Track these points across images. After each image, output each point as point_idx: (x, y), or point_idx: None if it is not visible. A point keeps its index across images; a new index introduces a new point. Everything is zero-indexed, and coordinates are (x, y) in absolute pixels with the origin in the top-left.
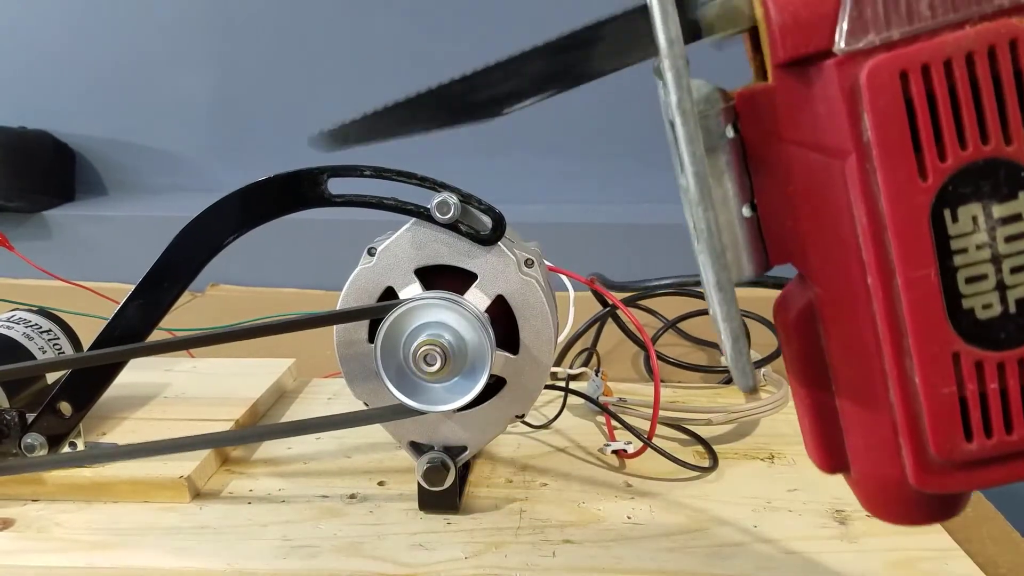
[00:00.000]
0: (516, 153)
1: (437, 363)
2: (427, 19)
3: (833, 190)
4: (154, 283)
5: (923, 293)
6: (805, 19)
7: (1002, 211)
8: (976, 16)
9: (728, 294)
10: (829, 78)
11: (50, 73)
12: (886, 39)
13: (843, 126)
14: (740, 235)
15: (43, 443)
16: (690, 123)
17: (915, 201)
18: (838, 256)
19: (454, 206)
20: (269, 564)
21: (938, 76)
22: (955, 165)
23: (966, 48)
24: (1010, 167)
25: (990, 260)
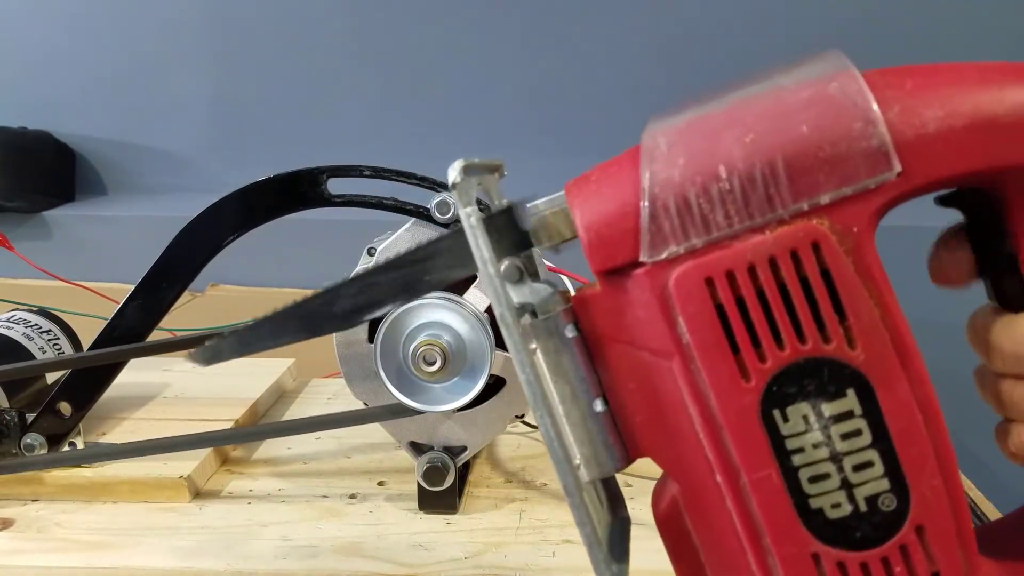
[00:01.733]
0: (516, 153)
1: (437, 363)
2: (427, 19)
3: (667, 388)
4: (154, 283)
5: (769, 493)
6: (608, 236)
7: (832, 409)
8: (774, 221)
9: (576, 499)
10: (641, 286)
11: (50, 73)
12: (688, 247)
13: (662, 329)
14: (595, 431)
15: (43, 443)
16: (514, 334)
17: (742, 402)
18: (686, 453)
19: (454, 206)
20: (269, 564)
21: (743, 281)
22: (775, 366)
23: (767, 253)
24: (833, 365)
25: (830, 459)
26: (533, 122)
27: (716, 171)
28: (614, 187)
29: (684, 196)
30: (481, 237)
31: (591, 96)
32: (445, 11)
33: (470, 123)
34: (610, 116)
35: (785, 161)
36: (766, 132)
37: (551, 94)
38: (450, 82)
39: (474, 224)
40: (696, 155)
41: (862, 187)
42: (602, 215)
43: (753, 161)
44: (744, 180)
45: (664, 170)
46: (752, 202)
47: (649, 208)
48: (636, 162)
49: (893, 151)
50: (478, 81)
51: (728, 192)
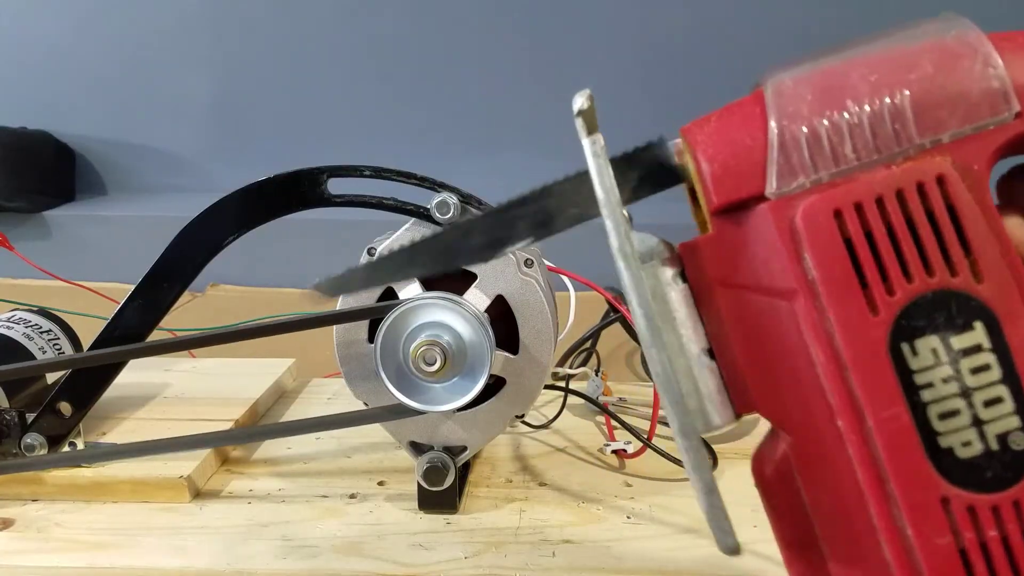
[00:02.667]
0: (516, 153)
1: (437, 363)
2: (427, 20)
3: (786, 331)
4: (154, 283)
5: (897, 433)
6: (734, 167)
7: (961, 342)
8: (900, 156)
9: (693, 441)
10: (765, 221)
11: (50, 73)
12: (816, 181)
13: (786, 267)
14: (702, 383)
15: (43, 443)
16: (632, 267)
17: (871, 336)
18: (802, 400)
19: (454, 206)
20: (269, 564)
21: (872, 213)
22: (904, 298)
23: (895, 186)
24: (960, 298)
25: (960, 394)
26: (533, 122)
27: (844, 105)
28: (739, 123)
29: (813, 128)
30: (606, 167)
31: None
32: (445, 11)
33: (470, 123)
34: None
35: (910, 98)
36: (891, 72)
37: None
38: (450, 82)
39: (598, 152)
40: (824, 91)
41: (982, 126)
42: (728, 148)
43: (880, 97)
44: (872, 115)
45: (792, 104)
46: (879, 136)
47: (778, 139)
48: (759, 102)
49: (1013, 92)
50: (478, 81)
51: (856, 126)
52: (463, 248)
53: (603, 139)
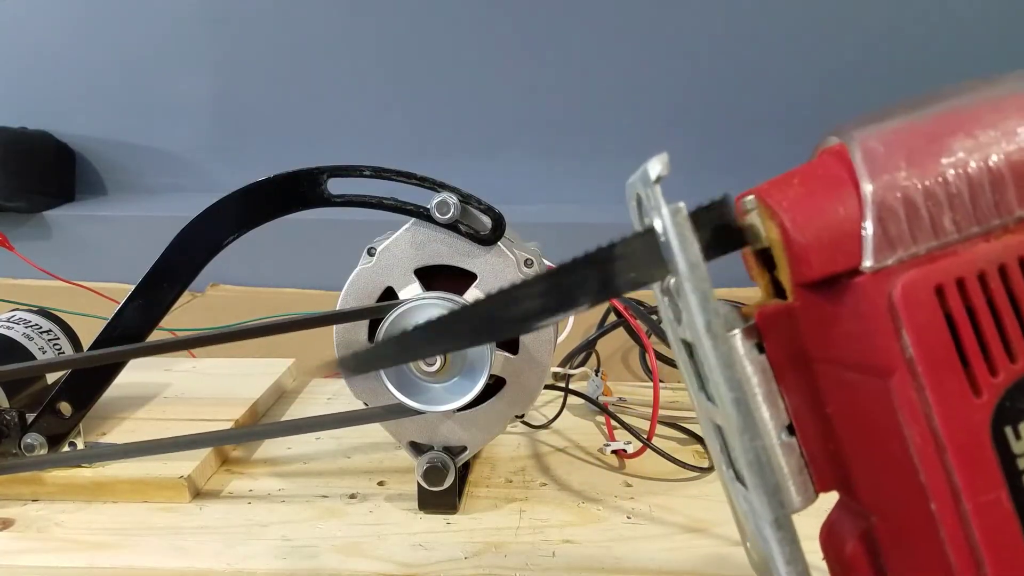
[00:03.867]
0: (516, 153)
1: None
2: (427, 20)
3: (878, 410)
4: (154, 283)
5: (996, 518)
6: (828, 239)
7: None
8: (999, 228)
9: (788, 532)
10: (861, 296)
11: (50, 73)
12: (914, 254)
13: (882, 344)
14: (782, 462)
15: (43, 443)
16: (723, 347)
17: (972, 419)
18: (893, 481)
19: (454, 206)
20: (269, 564)
21: (974, 289)
22: (1008, 379)
23: (998, 261)
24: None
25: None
26: (533, 122)
27: (943, 173)
28: (826, 189)
29: (911, 198)
30: (690, 236)
31: (591, 97)
32: (445, 11)
33: (470, 123)
34: (610, 117)
35: (1010, 167)
36: (988, 139)
37: (551, 94)
38: (450, 82)
39: (681, 223)
40: (919, 157)
41: None
42: (819, 217)
43: (979, 165)
44: (972, 184)
45: (887, 171)
46: (979, 207)
47: (875, 210)
48: (844, 165)
49: None
50: (478, 81)
51: (955, 196)
52: (509, 318)
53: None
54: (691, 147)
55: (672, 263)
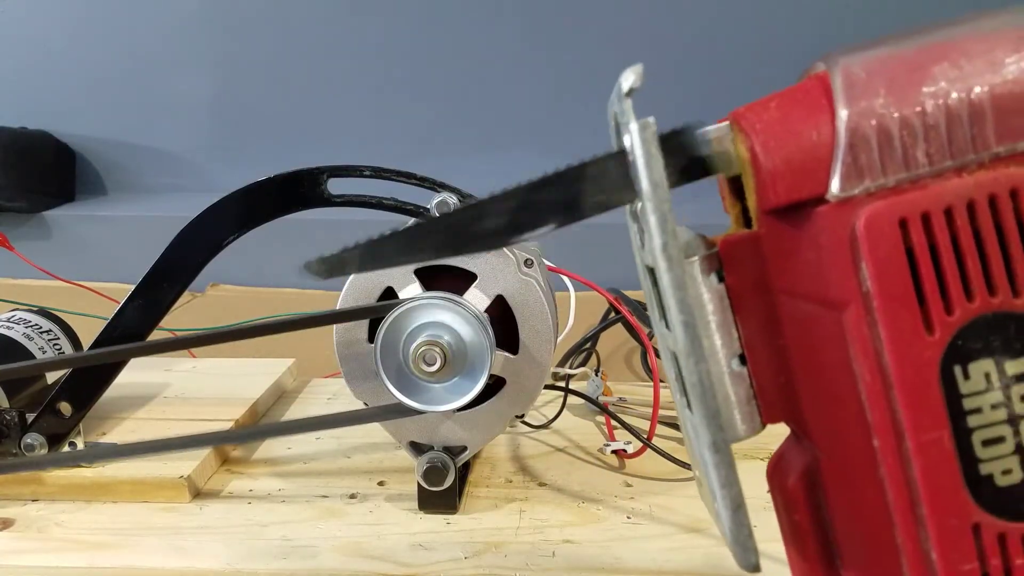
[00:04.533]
0: (516, 153)
1: (437, 363)
2: (427, 20)
3: (830, 343)
4: (154, 283)
5: (937, 458)
6: (798, 164)
7: (1016, 368)
8: (973, 164)
9: (725, 456)
10: (823, 225)
11: (50, 73)
12: (882, 185)
13: (840, 276)
14: (730, 391)
15: (43, 443)
16: (676, 269)
17: (922, 356)
18: (839, 415)
19: (454, 206)
20: (269, 564)
21: (939, 225)
22: (963, 318)
23: (967, 196)
24: (1021, 320)
25: (1007, 421)
26: (533, 122)
27: (921, 103)
28: (803, 113)
29: (886, 128)
30: (656, 156)
31: (591, 97)
32: (445, 11)
33: (470, 123)
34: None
35: (992, 101)
36: (974, 70)
37: (551, 94)
38: (450, 82)
39: (648, 139)
40: (900, 86)
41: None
42: (791, 141)
43: (961, 97)
44: (950, 116)
45: (865, 98)
46: (955, 141)
47: (847, 136)
48: (825, 91)
49: None
50: (478, 81)
51: (932, 127)
52: (476, 232)
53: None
54: None
55: (636, 182)
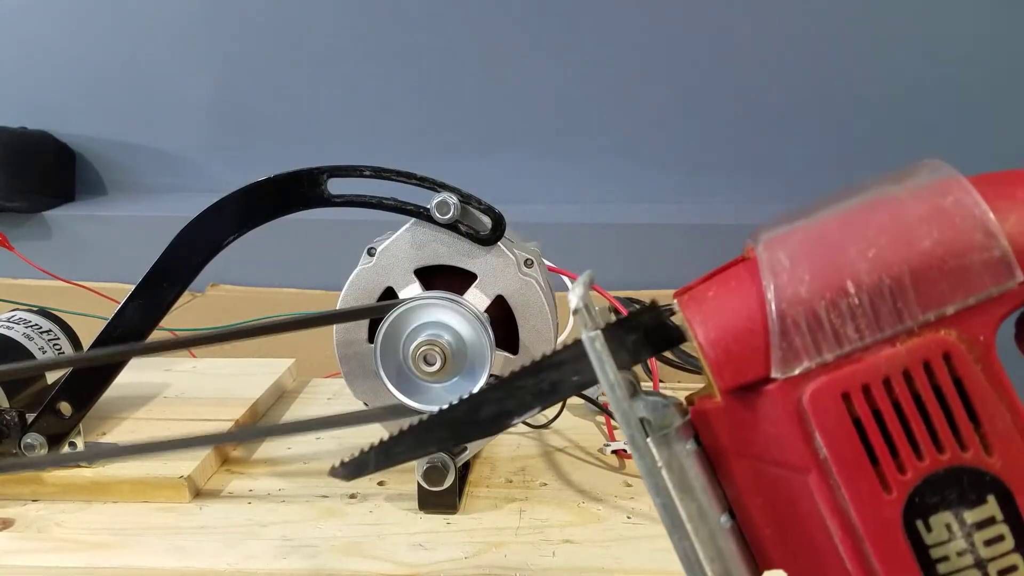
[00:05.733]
0: (516, 153)
1: (437, 363)
2: (427, 20)
3: (801, 503)
4: (154, 283)
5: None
6: (737, 353)
7: (974, 516)
8: (903, 333)
9: None
10: (773, 402)
11: (50, 73)
12: (820, 362)
13: (797, 445)
14: (724, 547)
15: (43, 443)
16: (646, 458)
17: (884, 514)
18: (821, 566)
19: (454, 206)
20: (269, 564)
21: (879, 394)
22: (916, 477)
23: (901, 366)
24: (972, 473)
25: (974, 566)
26: (533, 122)
27: (844, 286)
28: (737, 303)
29: (814, 311)
30: (607, 360)
31: (591, 97)
32: (445, 11)
33: (470, 123)
34: (611, 117)
35: (911, 275)
36: (889, 246)
37: (551, 94)
38: (450, 82)
39: (599, 348)
40: (821, 270)
41: (986, 296)
42: (728, 332)
43: (880, 275)
44: (872, 294)
45: (791, 285)
46: (882, 315)
47: (779, 324)
48: (755, 277)
49: (1014, 259)
50: (478, 81)
51: (857, 306)
52: (473, 423)
53: (601, 335)
54: (691, 147)
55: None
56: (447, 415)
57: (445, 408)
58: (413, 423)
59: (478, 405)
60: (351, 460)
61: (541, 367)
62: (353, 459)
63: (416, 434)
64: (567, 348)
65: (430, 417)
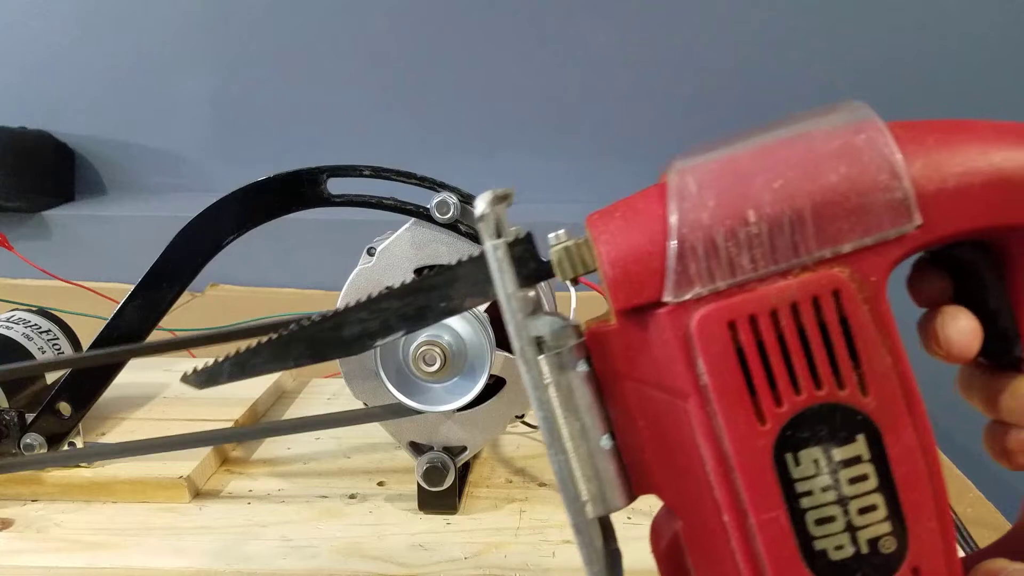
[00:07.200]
0: (516, 153)
1: (436, 363)
2: (427, 20)
3: (679, 428)
4: (153, 283)
5: (776, 534)
6: (635, 273)
7: (842, 454)
8: (797, 267)
9: (585, 537)
10: (663, 326)
11: (50, 73)
12: (713, 289)
13: (681, 370)
14: (602, 466)
15: (42, 443)
16: (533, 371)
17: (756, 444)
18: (694, 491)
19: (453, 206)
20: (269, 564)
21: (765, 325)
22: (791, 410)
23: (790, 299)
24: (846, 411)
25: (837, 502)
26: (533, 122)
27: (745, 215)
28: (641, 224)
29: (712, 238)
30: (507, 271)
31: (590, 97)
32: (445, 11)
33: (470, 123)
34: (610, 117)
35: (812, 209)
36: (795, 179)
37: (551, 94)
38: (450, 82)
39: (500, 257)
40: (726, 198)
41: (883, 237)
42: (628, 252)
43: (782, 207)
44: (772, 225)
45: (693, 211)
46: (778, 247)
47: (677, 249)
48: (663, 200)
49: (915, 204)
50: (478, 80)
51: (756, 236)
52: (334, 341)
53: (504, 244)
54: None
55: (495, 292)
56: (308, 331)
57: (307, 324)
58: (272, 336)
59: (341, 324)
60: (204, 368)
61: (409, 290)
62: (207, 367)
63: (274, 347)
64: (438, 273)
65: (290, 332)
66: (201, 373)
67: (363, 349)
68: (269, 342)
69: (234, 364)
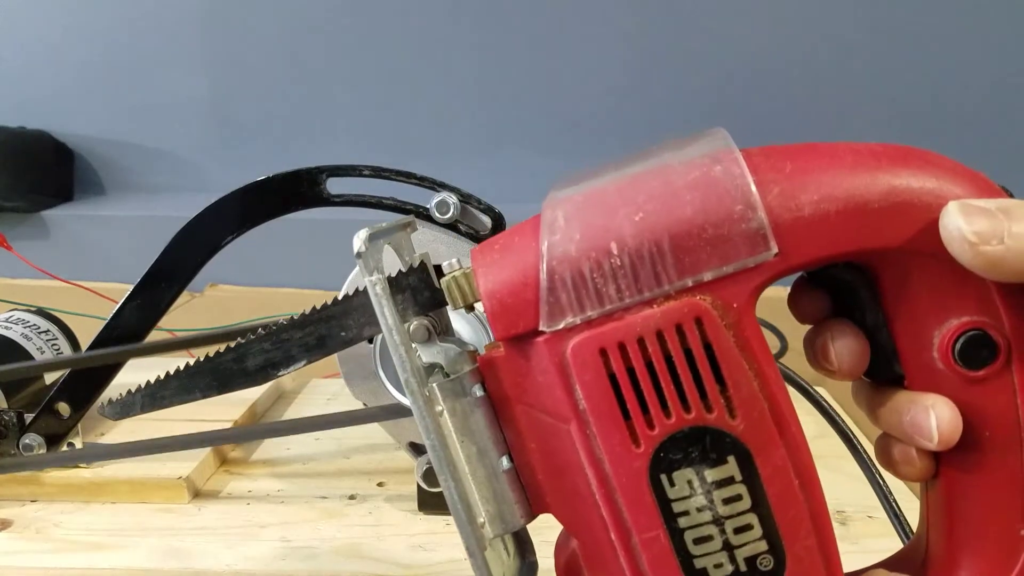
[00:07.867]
0: (516, 153)
1: None
2: (426, 19)
3: (566, 450)
4: (153, 283)
5: (658, 553)
6: (511, 305)
7: (715, 475)
8: (661, 296)
9: (478, 559)
10: (541, 354)
11: (50, 73)
12: (584, 318)
13: (561, 396)
14: (499, 488)
15: (41, 443)
16: (419, 401)
17: (633, 466)
18: (583, 512)
19: (453, 206)
20: (268, 565)
21: (634, 352)
22: (663, 433)
23: (655, 327)
24: (715, 434)
25: (713, 522)
26: (533, 121)
27: (609, 247)
28: (515, 257)
29: (580, 270)
30: (387, 305)
31: (591, 96)
32: (444, 11)
33: (469, 122)
34: (609, 117)
35: (671, 240)
36: (655, 212)
37: (551, 93)
38: (449, 81)
39: (379, 293)
40: (591, 231)
41: (742, 266)
42: (504, 284)
43: (642, 239)
44: (634, 257)
45: (562, 244)
46: (641, 278)
47: (547, 281)
48: (537, 233)
49: (771, 233)
50: (477, 80)
51: (619, 268)
52: (238, 373)
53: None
54: None
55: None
56: (213, 362)
57: (212, 356)
58: (180, 368)
59: (244, 355)
60: (119, 400)
61: (309, 320)
62: (121, 399)
63: (182, 379)
64: (336, 303)
65: (196, 363)
66: (115, 404)
67: (267, 379)
68: (177, 374)
69: (146, 395)
